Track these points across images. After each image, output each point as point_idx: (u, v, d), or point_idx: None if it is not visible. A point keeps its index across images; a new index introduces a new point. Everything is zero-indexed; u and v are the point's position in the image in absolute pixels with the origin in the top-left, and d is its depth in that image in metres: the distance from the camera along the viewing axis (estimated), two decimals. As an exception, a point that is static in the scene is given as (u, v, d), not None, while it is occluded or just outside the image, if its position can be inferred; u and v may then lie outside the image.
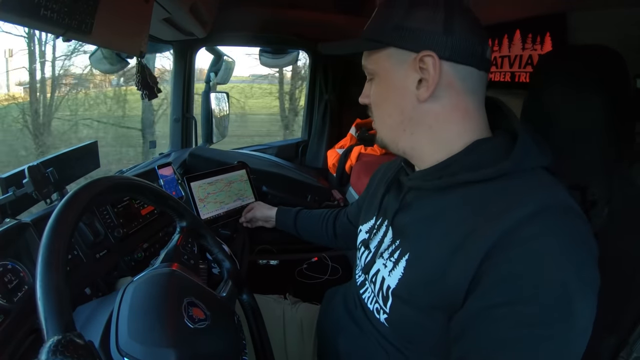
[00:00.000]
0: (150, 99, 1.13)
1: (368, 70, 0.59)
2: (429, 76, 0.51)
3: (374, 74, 0.57)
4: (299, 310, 0.86)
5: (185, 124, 1.85)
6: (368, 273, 0.62)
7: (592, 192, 0.57)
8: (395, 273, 0.54)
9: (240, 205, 1.29)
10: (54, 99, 3.96)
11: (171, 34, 1.42)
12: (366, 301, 0.62)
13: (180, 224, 0.67)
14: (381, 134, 0.60)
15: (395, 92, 0.55)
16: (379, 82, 0.57)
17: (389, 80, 0.55)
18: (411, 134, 0.56)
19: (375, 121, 0.61)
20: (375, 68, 0.57)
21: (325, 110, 2.11)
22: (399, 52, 0.54)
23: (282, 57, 2.02)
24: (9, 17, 0.54)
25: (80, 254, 0.76)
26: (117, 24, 0.84)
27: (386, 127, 0.59)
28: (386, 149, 0.61)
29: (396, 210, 0.59)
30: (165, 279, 0.52)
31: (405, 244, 0.55)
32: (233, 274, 0.68)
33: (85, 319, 0.60)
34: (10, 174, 0.76)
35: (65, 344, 0.34)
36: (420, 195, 0.57)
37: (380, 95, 0.58)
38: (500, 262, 0.42)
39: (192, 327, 0.48)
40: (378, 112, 0.59)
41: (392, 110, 0.56)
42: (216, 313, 0.52)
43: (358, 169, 1.74)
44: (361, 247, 0.68)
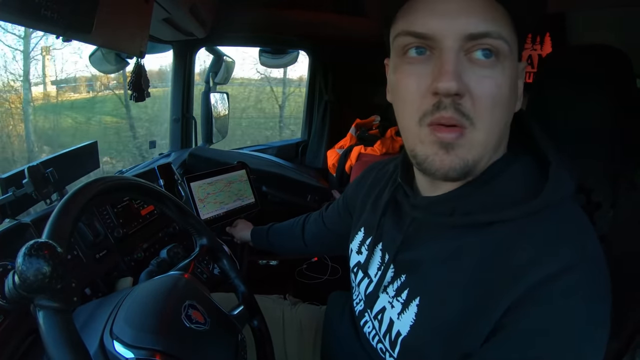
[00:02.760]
0: (138, 101, 1.14)
1: (499, 46, 0.38)
2: (521, 89, 0.44)
3: (504, 56, 0.39)
4: (298, 310, 0.86)
5: (185, 124, 1.84)
6: (371, 308, 0.55)
7: (597, 195, 0.56)
8: (405, 317, 0.47)
9: (240, 206, 1.29)
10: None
11: (171, 34, 1.42)
12: (368, 336, 0.56)
13: (199, 241, 0.68)
14: (484, 150, 0.41)
15: (516, 92, 0.42)
16: (509, 70, 0.39)
17: (515, 75, 0.41)
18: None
19: (482, 129, 0.39)
20: (512, 48, 0.39)
21: (325, 110, 2.11)
22: (516, 43, 0.41)
23: (281, 58, 2.02)
24: (9, 17, 0.54)
25: (80, 254, 0.76)
26: (117, 24, 0.83)
27: (496, 140, 0.42)
28: (467, 175, 0.42)
29: (399, 245, 0.50)
30: (173, 281, 0.53)
31: (414, 284, 0.48)
32: (247, 300, 0.68)
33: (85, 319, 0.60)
34: (10, 174, 0.76)
35: (40, 246, 0.35)
36: (429, 229, 0.48)
37: (509, 91, 0.40)
38: (522, 316, 0.38)
39: (187, 325, 0.48)
40: (497, 115, 0.39)
41: (510, 112, 0.42)
42: (217, 323, 0.52)
43: (358, 169, 1.73)
44: (357, 271, 0.61)
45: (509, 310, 0.38)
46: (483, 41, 0.37)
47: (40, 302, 0.35)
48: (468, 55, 0.38)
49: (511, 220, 0.41)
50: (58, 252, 0.36)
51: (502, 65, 0.38)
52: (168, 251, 0.81)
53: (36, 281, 0.35)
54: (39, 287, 0.35)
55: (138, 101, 1.13)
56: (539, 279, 0.37)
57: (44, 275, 0.34)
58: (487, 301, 0.39)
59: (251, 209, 1.33)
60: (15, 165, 1.54)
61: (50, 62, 3.00)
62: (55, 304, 0.35)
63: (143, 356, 0.43)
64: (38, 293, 0.35)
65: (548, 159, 0.43)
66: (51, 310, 0.35)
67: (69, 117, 3.44)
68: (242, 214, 1.30)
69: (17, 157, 2.81)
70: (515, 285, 0.38)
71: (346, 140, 1.96)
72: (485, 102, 0.38)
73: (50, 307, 0.35)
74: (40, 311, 0.35)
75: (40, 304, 0.35)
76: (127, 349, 0.44)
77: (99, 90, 3.67)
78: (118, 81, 3.18)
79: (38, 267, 0.35)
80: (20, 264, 0.35)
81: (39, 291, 0.35)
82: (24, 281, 0.35)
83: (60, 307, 0.36)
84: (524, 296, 0.37)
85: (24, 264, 0.35)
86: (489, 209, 0.42)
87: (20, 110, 2.85)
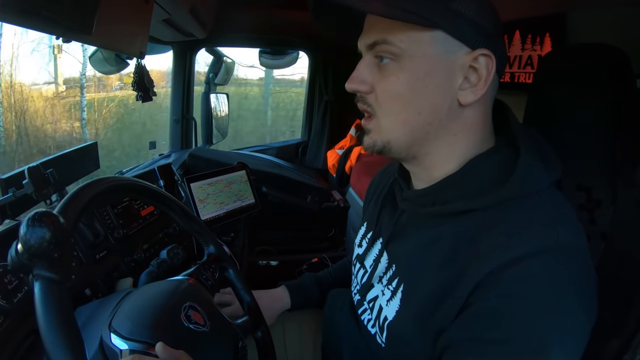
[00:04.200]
0: (144, 100, 1.14)
1: (389, 50, 0.45)
2: (480, 79, 0.45)
3: (401, 56, 0.45)
4: (299, 317, 0.85)
5: (185, 124, 1.85)
6: (365, 296, 0.58)
7: (597, 193, 0.56)
8: (392, 304, 0.51)
9: (240, 206, 1.29)
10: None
11: (171, 35, 1.42)
12: (366, 323, 0.59)
13: (207, 249, 0.68)
14: (391, 134, 0.48)
15: (434, 87, 0.45)
16: (409, 68, 0.45)
17: (427, 70, 0.44)
18: (434, 139, 0.48)
19: (383, 116, 0.48)
20: (408, 49, 0.44)
21: (325, 110, 2.11)
22: (448, 41, 0.44)
23: (281, 58, 2.02)
24: (9, 18, 0.54)
25: (80, 255, 0.76)
26: (117, 25, 0.84)
27: (406, 126, 0.47)
28: (386, 153, 0.50)
29: (390, 235, 0.55)
30: (177, 283, 0.54)
31: (401, 272, 0.52)
32: (252, 310, 0.68)
33: (86, 319, 0.60)
34: (10, 175, 0.76)
35: (43, 214, 0.36)
36: (414, 220, 0.53)
37: (408, 86, 0.45)
38: (483, 299, 0.41)
39: (185, 325, 0.48)
40: (397, 106, 0.46)
41: (423, 107, 0.46)
42: (218, 327, 0.53)
43: (358, 170, 1.73)
44: (356, 263, 0.64)
45: (475, 289, 0.41)
46: (377, 49, 0.46)
47: (38, 271, 0.36)
48: (378, 62, 0.47)
49: (484, 209, 0.44)
50: (60, 222, 0.37)
51: (399, 64, 0.45)
52: (168, 252, 0.81)
53: (37, 246, 0.35)
54: (40, 253, 0.36)
55: (145, 101, 1.13)
56: (503, 262, 0.40)
57: (44, 240, 0.35)
58: (456, 282, 0.43)
59: (251, 209, 1.34)
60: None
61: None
62: (52, 274, 0.36)
63: (138, 348, 0.44)
64: (39, 259, 0.36)
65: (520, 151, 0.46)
66: (47, 281, 0.36)
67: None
68: (242, 215, 1.30)
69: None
70: (482, 267, 0.41)
71: (346, 140, 1.96)
72: (382, 96, 0.47)
73: (47, 278, 0.36)
74: (37, 281, 0.36)
75: (37, 273, 0.36)
76: (123, 341, 0.44)
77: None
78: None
79: (40, 234, 0.36)
80: (24, 230, 0.36)
81: (40, 257, 0.36)
82: (25, 246, 0.35)
83: (57, 279, 0.36)
84: (488, 277, 0.40)
85: (26, 230, 0.36)
86: (462, 199, 0.46)
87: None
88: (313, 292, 0.82)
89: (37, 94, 3.95)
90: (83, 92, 4.18)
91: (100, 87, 4.39)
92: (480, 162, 0.48)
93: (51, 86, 4.07)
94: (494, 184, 0.45)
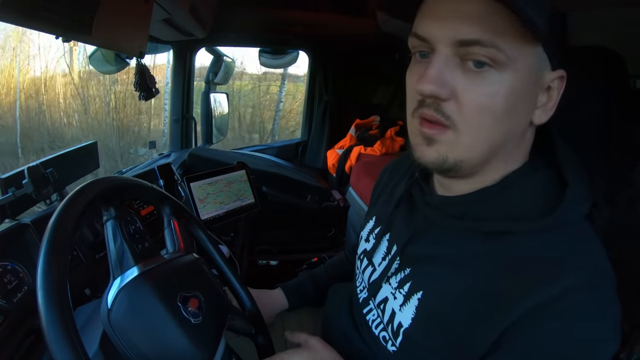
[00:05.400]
0: (147, 99, 1.14)
1: (493, 55, 0.37)
2: (551, 99, 0.43)
3: (505, 66, 0.38)
4: (299, 314, 0.85)
5: (184, 124, 1.85)
6: (374, 297, 0.55)
7: (594, 193, 0.57)
8: (407, 310, 0.48)
9: (240, 206, 1.29)
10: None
11: (171, 34, 1.42)
12: (371, 324, 0.56)
13: (106, 213, 0.57)
14: (470, 153, 0.42)
15: (523, 105, 0.41)
16: (510, 81, 0.39)
17: (524, 87, 0.40)
18: (498, 157, 0.44)
19: (467, 132, 0.40)
20: (515, 59, 0.38)
21: (325, 110, 2.11)
22: (542, 57, 0.40)
23: (281, 58, 2.02)
24: (9, 18, 0.54)
25: (79, 255, 0.76)
26: (117, 25, 0.84)
27: (488, 145, 0.41)
28: (449, 172, 0.43)
29: (407, 240, 0.51)
30: (145, 294, 0.47)
31: (417, 278, 0.49)
32: (173, 213, 0.62)
33: (86, 319, 0.60)
34: (9, 175, 0.76)
35: None
36: (436, 227, 0.49)
37: (506, 102, 0.39)
38: (525, 334, 0.38)
39: (199, 322, 0.48)
40: (488, 122, 0.40)
41: (510, 126, 0.41)
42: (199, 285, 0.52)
43: (358, 170, 1.74)
44: (363, 258, 0.62)
45: (513, 324, 0.38)
46: (474, 49, 0.38)
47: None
48: (464, 62, 0.39)
49: (521, 233, 0.41)
50: None
51: (500, 75, 0.38)
52: (167, 251, 0.81)
53: None
54: None
55: (147, 99, 1.13)
56: (547, 297, 0.37)
57: None
58: (493, 313, 0.40)
59: (251, 209, 1.34)
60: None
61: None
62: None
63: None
64: None
65: (566, 179, 0.43)
66: None
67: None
68: (242, 214, 1.30)
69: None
70: (523, 300, 0.38)
71: (346, 140, 1.96)
72: (471, 109, 0.39)
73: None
74: None
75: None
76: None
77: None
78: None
79: None
80: None
81: None
82: None
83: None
84: (530, 312, 0.38)
85: None
86: (500, 219, 0.43)
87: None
88: (309, 291, 0.81)
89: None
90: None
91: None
92: (519, 178, 0.44)
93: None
94: (539, 209, 0.42)
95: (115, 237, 0.50)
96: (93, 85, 4.65)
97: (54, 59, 4.41)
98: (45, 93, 4.51)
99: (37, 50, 4.32)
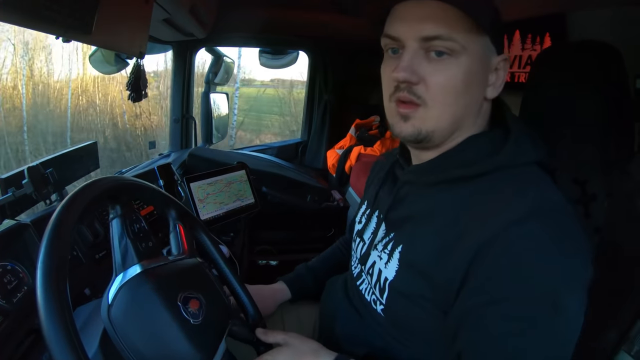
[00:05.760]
0: (135, 101, 1.14)
1: (449, 46, 0.48)
2: (501, 79, 0.53)
3: (459, 53, 0.49)
4: (298, 310, 0.86)
5: (184, 124, 1.85)
6: (364, 264, 0.62)
7: (592, 186, 0.57)
8: (391, 265, 0.55)
9: (240, 206, 1.29)
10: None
11: (171, 34, 1.42)
12: (363, 292, 0.62)
13: (112, 211, 0.56)
14: (439, 124, 0.51)
15: (477, 83, 0.52)
16: (465, 64, 0.49)
17: (476, 68, 0.50)
18: (462, 128, 0.53)
19: (434, 106, 0.50)
20: (467, 47, 0.49)
21: (325, 110, 2.11)
22: (489, 45, 0.51)
23: (281, 58, 2.02)
24: (9, 18, 0.54)
25: (79, 255, 0.76)
26: (117, 25, 0.84)
27: (453, 116, 0.51)
28: (425, 141, 0.53)
29: (390, 204, 0.59)
30: (147, 292, 0.47)
31: (399, 236, 0.56)
32: (179, 217, 0.62)
33: (85, 319, 0.60)
34: (9, 175, 0.76)
35: None
36: (413, 190, 0.58)
37: (463, 81, 0.50)
38: (488, 262, 0.44)
39: (199, 323, 0.48)
40: (450, 98, 0.50)
41: (468, 100, 0.51)
42: (201, 287, 0.52)
43: (358, 170, 1.74)
44: (356, 239, 0.68)
45: (476, 256, 0.44)
46: (435, 43, 0.48)
47: None
48: (427, 53, 0.49)
49: (479, 175, 0.50)
50: None
51: (457, 61, 0.49)
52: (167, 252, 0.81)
53: None
54: None
55: (136, 101, 1.14)
56: (499, 226, 0.44)
57: None
58: (457, 250, 0.46)
59: (251, 209, 1.34)
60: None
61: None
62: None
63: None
64: None
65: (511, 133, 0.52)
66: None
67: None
68: (242, 214, 1.30)
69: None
70: (481, 233, 0.45)
71: (346, 140, 1.96)
72: (436, 89, 0.49)
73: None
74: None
75: None
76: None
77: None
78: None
79: None
80: None
81: None
82: None
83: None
84: (488, 242, 0.44)
85: None
86: (458, 167, 0.51)
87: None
88: (309, 281, 0.85)
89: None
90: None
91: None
92: (477, 138, 0.54)
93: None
94: (489, 154, 0.51)
95: (121, 235, 0.50)
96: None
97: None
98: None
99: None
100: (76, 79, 5.63)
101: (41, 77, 5.40)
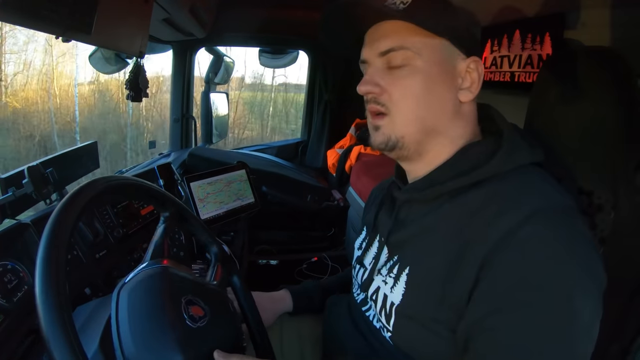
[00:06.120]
0: (134, 101, 1.13)
1: (405, 55, 0.51)
2: (474, 81, 0.53)
3: (415, 60, 0.51)
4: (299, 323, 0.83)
5: (184, 124, 1.85)
6: (367, 291, 0.60)
7: (599, 197, 0.56)
8: (397, 289, 0.53)
9: (240, 205, 1.30)
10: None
11: (171, 34, 1.42)
12: (371, 319, 0.60)
13: (163, 214, 0.63)
14: (406, 129, 0.53)
15: (441, 87, 0.52)
16: (422, 70, 0.51)
17: (436, 72, 0.51)
18: (440, 133, 0.54)
19: (398, 113, 0.52)
20: (422, 54, 0.50)
21: (325, 110, 2.11)
22: (451, 48, 0.52)
23: (281, 58, 2.02)
24: (9, 17, 0.54)
25: (79, 254, 0.76)
26: (116, 25, 0.84)
27: (419, 121, 0.52)
28: (397, 148, 0.54)
29: (391, 227, 0.58)
30: (159, 280, 0.50)
31: (404, 258, 0.54)
32: (221, 258, 0.66)
33: (85, 318, 0.60)
34: (9, 174, 0.76)
35: None
36: (413, 210, 0.57)
37: (422, 86, 0.51)
38: (498, 268, 0.43)
39: (194, 327, 0.48)
40: (412, 103, 0.51)
41: (433, 103, 0.52)
42: (213, 306, 0.52)
43: (358, 169, 1.74)
44: (356, 265, 0.67)
45: (484, 263, 0.44)
46: (390, 55, 0.52)
47: None
48: (389, 67, 0.52)
49: (478, 183, 0.49)
50: None
51: (413, 67, 0.51)
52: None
53: None
54: None
55: (134, 101, 1.14)
56: (506, 229, 0.43)
57: None
58: (464, 261, 0.45)
59: (251, 208, 1.34)
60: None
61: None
62: None
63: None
64: None
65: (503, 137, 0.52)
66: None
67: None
68: (242, 214, 1.30)
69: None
70: (487, 238, 0.44)
71: (346, 140, 1.96)
72: (397, 96, 0.52)
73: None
74: None
75: None
76: None
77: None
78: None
79: None
80: None
81: None
82: None
83: None
84: (495, 247, 0.43)
85: None
86: (456, 178, 0.51)
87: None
88: (315, 296, 0.81)
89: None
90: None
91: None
92: (470, 147, 0.54)
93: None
94: (484, 161, 0.50)
95: (162, 236, 0.56)
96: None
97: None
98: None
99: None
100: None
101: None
